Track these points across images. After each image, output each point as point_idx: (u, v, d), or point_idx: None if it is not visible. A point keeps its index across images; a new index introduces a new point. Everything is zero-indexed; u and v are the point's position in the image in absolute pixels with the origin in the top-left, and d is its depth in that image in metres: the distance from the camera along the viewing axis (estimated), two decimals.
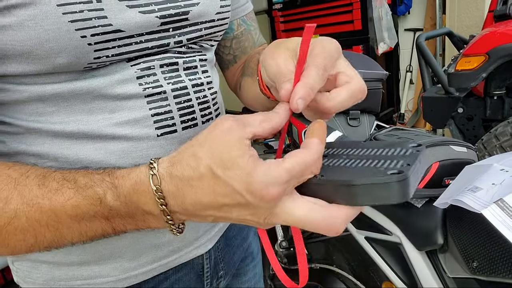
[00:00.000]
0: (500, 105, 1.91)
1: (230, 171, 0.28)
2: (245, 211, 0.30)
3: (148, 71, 0.43)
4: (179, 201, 0.31)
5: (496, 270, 0.50)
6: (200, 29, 0.47)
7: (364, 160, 0.32)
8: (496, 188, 0.49)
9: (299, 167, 0.29)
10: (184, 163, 0.30)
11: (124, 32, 0.39)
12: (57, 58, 0.37)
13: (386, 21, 3.22)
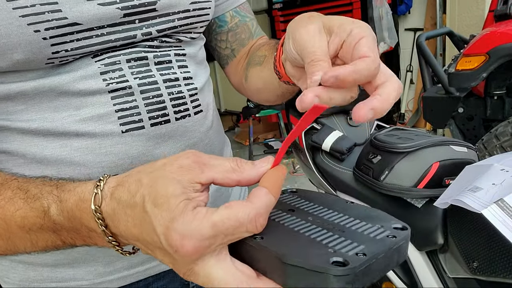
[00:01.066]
0: (501, 105, 1.91)
1: (157, 209, 0.26)
2: (166, 258, 0.27)
3: (113, 66, 0.42)
4: (115, 225, 0.29)
5: (496, 270, 0.50)
6: (172, 20, 0.45)
7: (323, 231, 0.27)
8: (496, 188, 0.49)
9: (230, 223, 0.25)
10: (127, 187, 0.29)
11: (82, 25, 0.39)
12: (13, 54, 0.37)
13: (386, 21, 3.22)
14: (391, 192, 0.64)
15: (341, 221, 0.29)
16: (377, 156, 0.67)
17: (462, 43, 2.09)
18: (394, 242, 0.26)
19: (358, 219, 0.29)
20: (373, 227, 0.28)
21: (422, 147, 0.63)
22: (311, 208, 0.31)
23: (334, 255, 0.24)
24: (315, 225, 0.28)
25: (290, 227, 0.28)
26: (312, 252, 0.25)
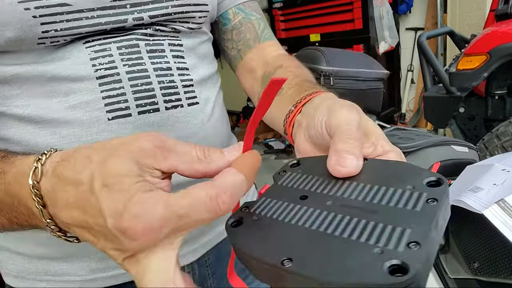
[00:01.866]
0: (502, 105, 1.91)
1: (107, 189, 0.22)
2: (109, 245, 0.24)
3: (103, 52, 0.42)
4: (52, 204, 0.26)
5: (498, 271, 0.50)
6: (166, 7, 0.44)
7: (353, 221, 0.22)
8: (497, 188, 0.49)
9: (186, 201, 0.22)
10: (72, 162, 0.25)
11: (72, 6, 0.39)
12: (5, 31, 0.37)
13: (387, 20, 3.21)
14: None
15: (365, 196, 0.24)
16: None
17: (463, 42, 2.08)
18: (437, 207, 0.21)
19: (383, 185, 0.24)
20: (405, 194, 0.23)
21: (423, 147, 0.63)
22: (324, 185, 0.26)
23: (386, 258, 0.19)
24: (341, 214, 0.23)
25: (314, 229, 0.22)
26: (358, 262, 0.19)
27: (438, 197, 0.21)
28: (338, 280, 0.19)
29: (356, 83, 0.87)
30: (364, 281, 0.18)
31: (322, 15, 3.42)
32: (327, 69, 0.84)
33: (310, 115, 0.33)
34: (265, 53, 0.56)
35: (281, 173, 0.29)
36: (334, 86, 0.85)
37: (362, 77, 0.87)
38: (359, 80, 0.87)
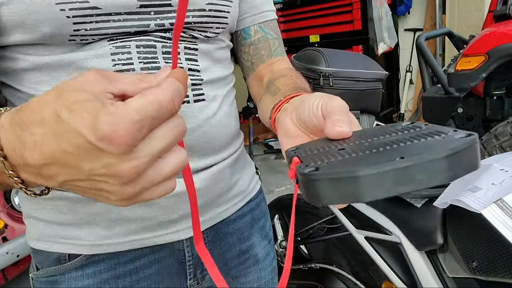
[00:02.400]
0: (500, 105, 1.91)
1: (75, 113, 0.24)
2: (96, 162, 0.25)
3: (123, 49, 0.46)
4: (18, 152, 0.27)
5: (496, 270, 0.50)
6: (187, 16, 0.49)
7: (389, 145, 0.26)
8: (495, 188, 0.49)
9: (152, 107, 0.25)
10: (29, 108, 0.27)
11: (101, 10, 0.44)
12: (43, 27, 0.42)
13: (386, 21, 3.22)
14: None
15: (395, 138, 0.27)
16: None
17: (462, 43, 2.09)
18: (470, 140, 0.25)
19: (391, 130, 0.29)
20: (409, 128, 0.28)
21: None
22: (335, 144, 0.29)
23: (448, 144, 0.23)
24: (382, 145, 0.26)
25: (367, 153, 0.25)
26: (428, 145, 0.24)
27: None
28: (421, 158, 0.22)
29: (355, 83, 0.87)
30: (456, 145, 0.23)
31: (322, 16, 3.42)
32: (327, 69, 0.84)
33: (299, 103, 0.38)
34: (274, 65, 0.62)
35: (293, 150, 0.32)
36: (334, 86, 0.85)
37: (361, 78, 0.88)
38: (358, 81, 0.87)
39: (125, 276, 0.54)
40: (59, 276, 0.53)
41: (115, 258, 0.53)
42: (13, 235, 1.87)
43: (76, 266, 0.53)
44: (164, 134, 0.27)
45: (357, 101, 0.89)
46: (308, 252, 1.15)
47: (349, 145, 0.28)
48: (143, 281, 0.55)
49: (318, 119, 0.34)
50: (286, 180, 3.14)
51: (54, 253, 0.53)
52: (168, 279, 0.57)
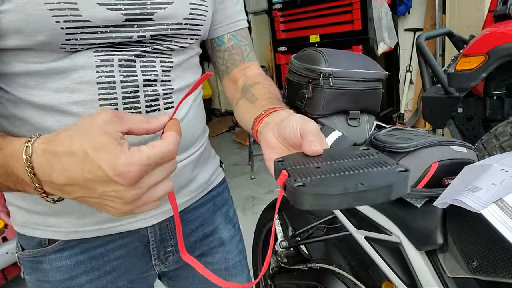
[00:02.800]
0: (500, 105, 1.91)
1: (99, 152, 0.34)
2: (109, 188, 0.36)
3: (106, 62, 0.53)
4: (47, 173, 0.37)
5: (496, 270, 0.50)
6: (166, 29, 0.56)
7: (353, 171, 0.36)
8: (495, 188, 0.49)
9: (158, 155, 0.36)
10: (59, 141, 0.37)
11: (92, 23, 0.50)
12: (38, 36, 0.48)
13: (386, 21, 3.22)
14: None
15: (352, 159, 0.39)
16: None
17: (462, 43, 2.09)
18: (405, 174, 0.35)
19: (352, 154, 0.40)
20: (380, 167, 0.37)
21: (422, 147, 0.63)
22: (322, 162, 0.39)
23: (393, 170, 0.35)
24: (351, 166, 0.37)
25: (338, 175, 0.36)
26: (382, 174, 0.35)
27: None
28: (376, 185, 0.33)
29: (355, 83, 0.87)
30: (389, 181, 0.34)
31: (322, 16, 3.42)
32: (327, 69, 0.84)
33: (280, 120, 0.47)
34: (247, 70, 0.70)
35: (279, 161, 0.41)
36: (334, 86, 0.85)
37: (361, 78, 0.87)
38: (358, 81, 0.87)
39: (97, 258, 0.63)
40: (41, 257, 0.62)
41: (88, 243, 0.62)
42: (13, 235, 1.87)
43: (55, 249, 0.61)
44: (161, 172, 0.38)
45: (357, 101, 0.89)
46: (308, 252, 1.15)
47: (323, 164, 0.38)
48: (113, 261, 0.64)
49: (297, 137, 0.43)
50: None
51: (36, 237, 0.61)
52: (135, 260, 0.66)
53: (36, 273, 0.64)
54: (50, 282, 0.63)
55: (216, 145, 0.80)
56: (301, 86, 0.90)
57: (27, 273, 0.65)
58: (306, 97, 0.88)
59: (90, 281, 0.64)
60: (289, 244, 1.17)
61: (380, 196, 0.34)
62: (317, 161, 0.39)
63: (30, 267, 0.64)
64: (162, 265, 0.70)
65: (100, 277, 0.64)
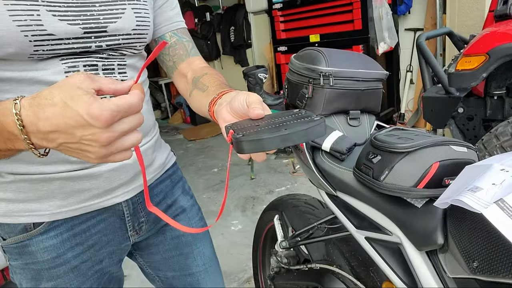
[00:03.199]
0: (501, 105, 1.91)
1: (76, 102, 0.41)
2: (86, 131, 0.42)
3: (73, 68, 0.63)
4: (34, 123, 0.42)
5: (497, 270, 0.50)
6: (118, 39, 0.67)
7: (283, 123, 0.49)
8: (496, 188, 0.49)
9: (126, 105, 0.43)
10: (42, 96, 0.43)
11: (55, 36, 0.59)
12: (8, 48, 0.56)
13: (386, 21, 3.22)
14: (391, 192, 0.64)
15: (286, 117, 0.51)
16: (377, 156, 0.66)
17: (462, 43, 2.09)
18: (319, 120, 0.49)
19: (289, 115, 0.52)
20: (300, 118, 0.50)
21: (422, 147, 0.63)
22: (260, 121, 0.51)
23: (311, 119, 0.49)
24: (279, 123, 0.49)
25: (272, 126, 0.48)
26: (302, 124, 0.48)
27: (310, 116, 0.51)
28: (301, 128, 0.47)
29: (355, 83, 0.87)
30: (309, 126, 0.47)
31: (322, 16, 3.42)
32: (327, 69, 0.84)
33: (230, 98, 0.58)
34: (193, 64, 0.81)
35: (229, 125, 0.52)
36: (334, 86, 0.85)
37: (362, 78, 0.87)
38: (359, 81, 0.87)
39: (80, 234, 0.71)
40: (28, 241, 0.68)
41: (71, 221, 0.70)
42: None
43: (41, 231, 0.68)
44: (129, 121, 0.44)
45: (358, 101, 0.89)
46: (308, 252, 1.15)
47: (262, 123, 0.50)
48: (94, 236, 0.73)
49: (245, 108, 0.54)
50: (286, 180, 3.14)
51: (20, 224, 0.67)
52: (113, 232, 0.76)
53: (23, 257, 0.69)
54: (38, 263, 0.69)
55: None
56: (301, 86, 0.90)
57: (14, 259, 0.70)
58: (306, 97, 0.88)
59: (76, 256, 0.71)
60: (289, 245, 1.16)
61: (301, 138, 0.46)
62: (257, 122, 0.50)
63: (16, 253, 0.69)
64: (136, 236, 0.80)
65: (85, 251, 0.72)
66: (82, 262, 0.72)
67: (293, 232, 1.18)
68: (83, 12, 0.63)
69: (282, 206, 1.31)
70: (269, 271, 1.36)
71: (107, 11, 0.66)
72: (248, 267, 2.05)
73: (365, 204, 0.76)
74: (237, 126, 0.50)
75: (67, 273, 0.71)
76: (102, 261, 0.76)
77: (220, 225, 2.58)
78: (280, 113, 0.54)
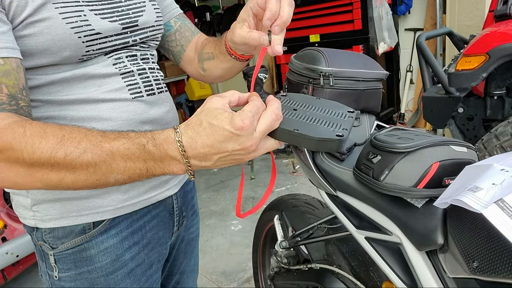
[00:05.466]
0: (501, 105, 1.91)
1: (219, 120, 0.46)
2: (236, 143, 0.46)
3: (118, 60, 0.66)
4: (193, 147, 0.47)
5: (497, 270, 0.50)
6: (146, 32, 0.70)
7: (317, 119, 0.52)
8: (496, 188, 0.49)
9: (255, 109, 0.47)
10: (193, 124, 0.48)
11: (102, 34, 0.62)
12: (64, 52, 0.58)
13: (386, 21, 3.22)
14: (391, 192, 0.64)
15: (324, 113, 0.54)
16: (377, 156, 0.66)
17: (462, 43, 2.09)
18: (352, 120, 0.53)
19: (330, 109, 0.55)
20: (339, 113, 0.55)
21: (422, 147, 0.63)
22: (303, 106, 0.55)
23: (335, 132, 0.49)
24: (314, 117, 0.52)
25: (303, 120, 0.51)
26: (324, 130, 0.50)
27: (353, 116, 0.55)
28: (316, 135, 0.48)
29: (355, 83, 0.87)
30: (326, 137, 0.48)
31: (322, 15, 3.42)
32: (327, 69, 0.84)
33: (237, 20, 0.63)
34: (197, 43, 0.83)
35: (282, 95, 0.58)
36: (334, 86, 0.85)
37: (362, 78, 0.87)
38: (359, 81, 0.87)
39: (138, 231, 0.70)
40: (87, 244, 0.65)
41: (130, 217, 0.68)
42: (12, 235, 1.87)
43: (101, 231, 0.65)
44: (264, 119, 0.47)
45: (358, 101, 0.89)
46: (308, 252, 1.15)
47: (300, 109, 0.54)
48: (148, 233, 0.72)
49: (259, 9, 0.57)
50: (286, 180, 3.14)
51: (79, 225, 0.64)
52: (163, 228, 0.75)
53: (78, 265, 0.65)
54: (95, 270, 0.66)
55: None
56: (301, 86, 0.89)
57: (66, 270, 0.65)
58: None
59: (132, 257, 0.69)
60: (289, 245, 1.16)
61: (308, 144, 0.48)
62: (300, 104, 0.55)
63: (70, 261, 0.65)
64: (175, 234, 0.80)
65: (139, 252, 0.71)
66: (137, 265, 0.70)
67: (293, 232, 1.18)
68: (115, 8, 0.65)
69: (282, 206, 1.31)
70: (269, 271, 1.36)
71: (132, 6, 0.68)
72: (248, 267, 2.05)
73: (365, 204, 0.76)
74: (287, 100, 0.56)
75: (123, 279, 0.68)
76: (152, 265, 0.73)
77: (220, 225, 2.58)
78: (331, 103, 0.57)
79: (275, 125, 0.48)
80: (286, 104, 0.55)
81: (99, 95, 0.63)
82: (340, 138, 0.48)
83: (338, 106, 0.56)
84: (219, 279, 2.03)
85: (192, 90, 4.99)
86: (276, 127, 0.49)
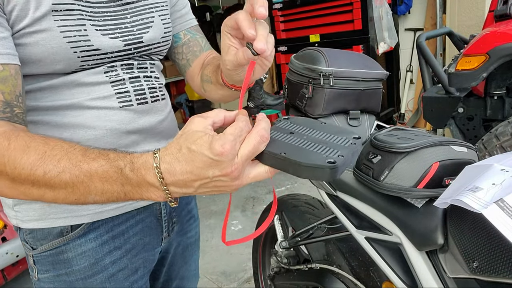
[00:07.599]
0: (501, 105, 1.91)
1: (198, 145, 0.42)
2: (216, 169, 0.42)
3: (111, 69, 0.65)
4: (172, 174, 0.43)
5: (497, 270, 0.50)
6: (151, 49, 0.70)
7: (315, 144, 0.45)
8: (496, 188, 0.49)
9: (237, 132, 0.42)
10: (172, 149, 0.44)
11: (101, 50, 0.61)
12: (57, 65, 0.58)
13: (386, 21, 3.22)
14: (391, 192, 0.64)
15: (324, 137, 0.47)
16: (377, 156, 0.66)
17: (462, 43, 2.09)
18: (354, 148, 0.45)
19: (333, 134, 0.48)
20: (342, 138, 0.47)
21: (422, 147, 0.63)
22: (302, 130, 0.49)
23: (327, 158, 0.42)
24: (309, 141, 0.46)
25: (295, 144, 0.46)
26: (315, 156, 0.43)
27: (357, 143, 0.46)
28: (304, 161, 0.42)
29: (355, 83, 0.87)
30: (316, 164, 0.41)
31: (322, 15, 3.42)
32: (327, 69, 0.84)
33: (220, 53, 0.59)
34: (205, 59, 0.80)
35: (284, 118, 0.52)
36: (334, 86, 0.85)
37: (362, 78, 0.87)
38: (359, 81, 0.87)
39: (119, 236, 0.68)
40: (64, 246, 0.64)
41: (111, 221, 0.67)
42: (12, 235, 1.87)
43: (79, 234, 0.64)
44: (247, 143, 0.43)
45: (358, 101, 0.89)
46: (308, 252, 1.15)
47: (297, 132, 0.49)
48: (132, 238, 0.70)
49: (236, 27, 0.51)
50: (286, 180, 3.14)
51: (57, 227, 0.63)
52: (149, 234, 0.74)
53: (56, 267, 0.65)
54: (73, 273, 0.65)
55: None
56: (302, 86, 0.90)
57: (44, 271, 0.65)
58: (306, 97, 0.88)
59: (113, 262, 0.68)
60: (289, 245, 1.16)
61: (295, 170, 0.42)
62: (297, 129, 0.49)
63: (48, 262, 0.65)
64: (165, 240, 0.78)
65: (122, 257, 0.69)
66: (119, 270, 0.69)
67: (293, 232, 1.18)
68: (118, 24, 0.64)
69: (282, 206, 1.31)
70: (269, 271, 1.36)
71: (138, 21, 0.67)
72: (248, 267, 2.05)
73: (365, 204, 0.76)
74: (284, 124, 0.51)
75: (103, 283, 0.67)
76: (137, 270, 0.72)
77: (220, 225, 2.58)
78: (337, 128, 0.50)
79: (260, 148, 0.44)
80: (283, 127, 0.50)
81: (85, 102, 0.62)
82: (332, 166, 0.40)
83: (344, 131, 0.49)
84: (219, 279, 2.03)
85: (192, 90, 5.00)
86: (261, 150, 0.44)
